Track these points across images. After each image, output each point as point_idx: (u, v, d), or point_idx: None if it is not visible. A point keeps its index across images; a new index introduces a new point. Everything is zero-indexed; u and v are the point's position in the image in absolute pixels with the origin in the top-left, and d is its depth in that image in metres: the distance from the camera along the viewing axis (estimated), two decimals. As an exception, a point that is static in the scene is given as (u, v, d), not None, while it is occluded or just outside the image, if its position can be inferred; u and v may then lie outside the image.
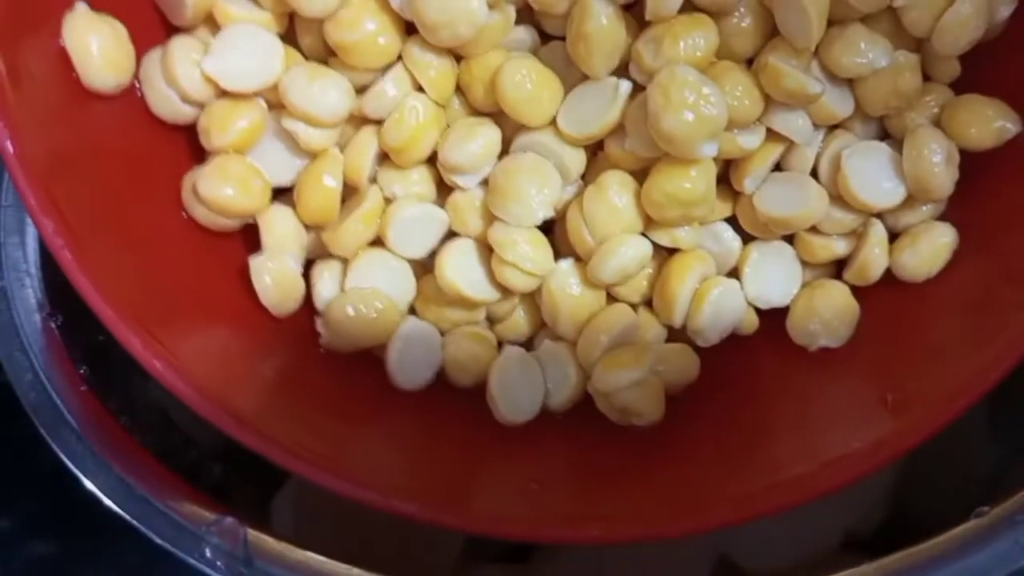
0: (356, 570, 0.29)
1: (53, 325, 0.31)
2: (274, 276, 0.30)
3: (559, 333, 0.31)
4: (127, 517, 0.28)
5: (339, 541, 0.40)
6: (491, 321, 0.32)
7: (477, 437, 0.31)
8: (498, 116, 0.31)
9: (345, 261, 0.31)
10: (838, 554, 0.40)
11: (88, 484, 0.29)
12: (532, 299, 0.32)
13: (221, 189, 0.30)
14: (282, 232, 0.31)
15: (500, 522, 0.28)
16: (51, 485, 0.46)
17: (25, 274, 0.32)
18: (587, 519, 0.28)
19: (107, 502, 0.29)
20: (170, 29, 0.31)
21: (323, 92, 0.30)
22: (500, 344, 0.32)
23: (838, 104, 0.31)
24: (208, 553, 0.27)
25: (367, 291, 0.31)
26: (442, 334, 0.32)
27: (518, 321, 0.32)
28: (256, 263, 0.30)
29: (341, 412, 0.30)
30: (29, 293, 0.32)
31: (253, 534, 0.28)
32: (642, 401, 0.30)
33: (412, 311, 0.32)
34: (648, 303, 0.32)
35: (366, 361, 0.31)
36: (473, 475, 0.30)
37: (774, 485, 0.28)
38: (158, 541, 0.28)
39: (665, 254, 0.32)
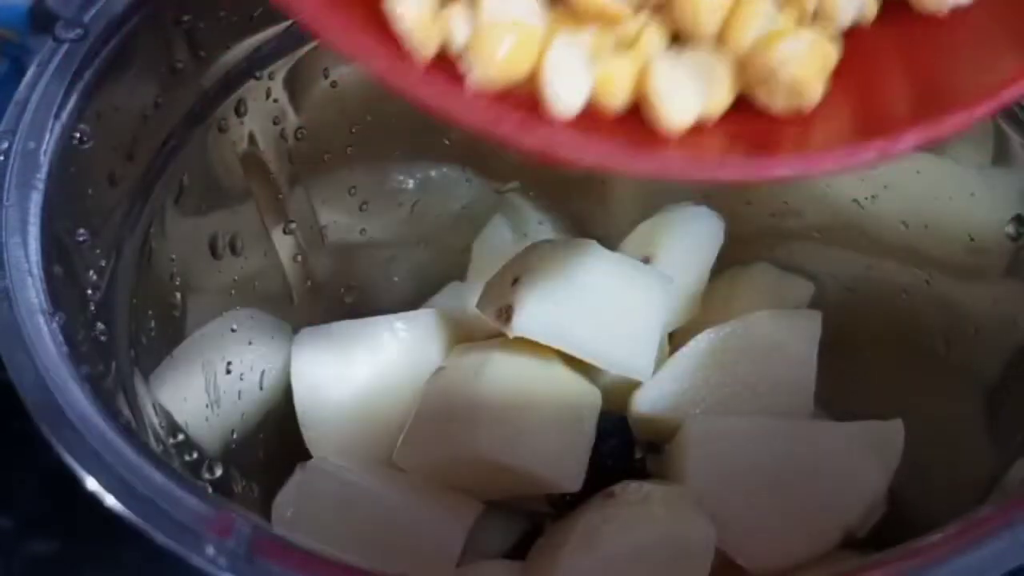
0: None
1: (55, 325, 0.31)
2: (410, 15, 0.28)
3: (700, 34, 0.30)
4: (128, 516, 0.28)
5: (341, 539, 0.40)
6: (626, 43, 0.31)
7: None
8: None
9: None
10: (837, 553, 0.40)
11: (89, 483, 0.29)
12: (665, 10, 0.30)
13: None
14: None
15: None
16: (52, 484, 0.47)
17: (27, 274, 0.32)
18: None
19: (108, 501, 0.29)
20: None
21: None
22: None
23: None
24: (209, 552, 0.28)
25: (506, 23, 0.29)
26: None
27: (655, 34, 0.31)
28: (390, 5, 0.28)
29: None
30: (31, 293, 0.32)
31: (254, 533, 0.28)
32: (809, 69, 0.29)
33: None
34: None
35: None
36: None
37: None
38: (159, 540, 0.28)
39: None
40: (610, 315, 0.43)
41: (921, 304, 0.44)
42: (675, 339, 0.48)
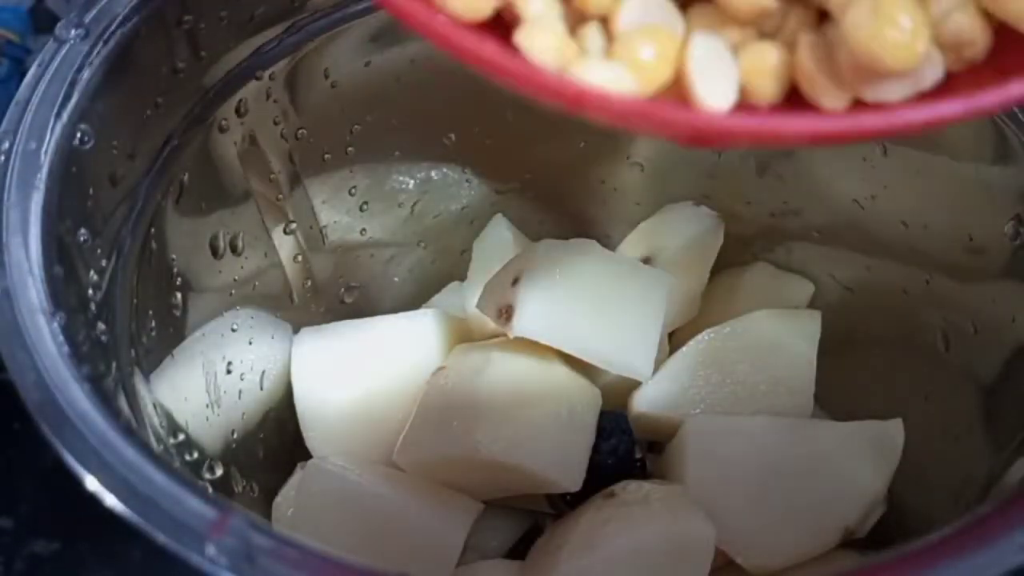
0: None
1: (56, 325, 0.31)
2: (549, 41, 0.27)
3: (840, 8, 0.28)
4: (129, 516, 0.28)
5: (341, 539, 0.40)
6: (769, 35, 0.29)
7: None
8: None
9: (604, 20, 0.28)
10: (837, 553, 0.40)
11: (89, 483, 0.29)
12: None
13: None
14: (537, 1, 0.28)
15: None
16: (53, 484, 0.47)
17: (28, 274, 0.32)
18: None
19: (109, 501, 0.29)
20: None
21: None
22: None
23: None
24: (210, 551, 0.28)
25: (645, 29, 0.27)
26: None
27: (799, 18, 0.28)
28: (525, 36, 0.27)
29: None
30: (32, 293, 0.32)
31: (254, 532, 0.28)
32: (971, 21, 0.27)
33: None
34: None
35: None
36: None
37: None
38: (160, 540, 0.28)
39: None
40: (610, 315, 0.43)
41: (921, 304, 0.44)
42: (675, 339, 0.48)
